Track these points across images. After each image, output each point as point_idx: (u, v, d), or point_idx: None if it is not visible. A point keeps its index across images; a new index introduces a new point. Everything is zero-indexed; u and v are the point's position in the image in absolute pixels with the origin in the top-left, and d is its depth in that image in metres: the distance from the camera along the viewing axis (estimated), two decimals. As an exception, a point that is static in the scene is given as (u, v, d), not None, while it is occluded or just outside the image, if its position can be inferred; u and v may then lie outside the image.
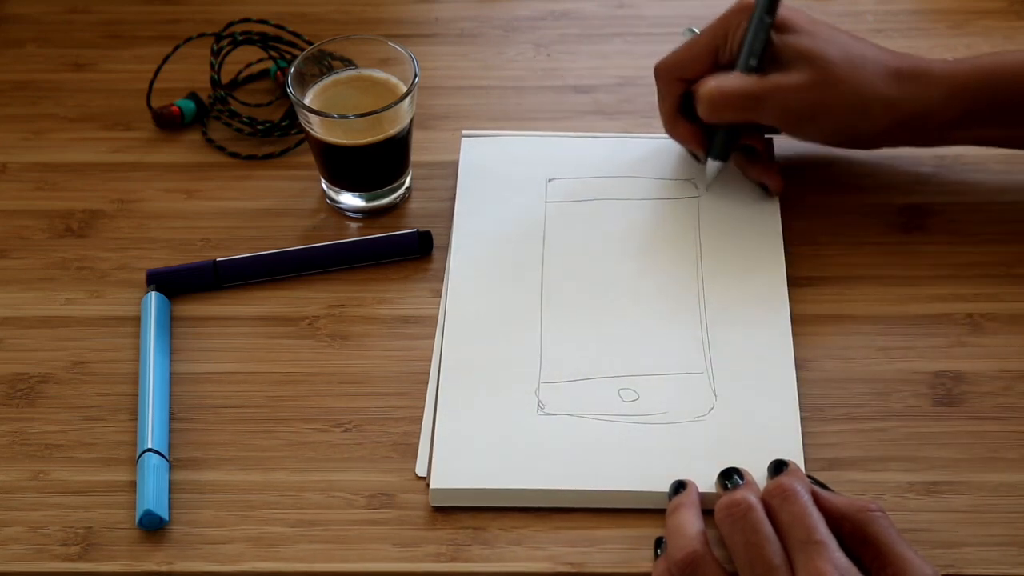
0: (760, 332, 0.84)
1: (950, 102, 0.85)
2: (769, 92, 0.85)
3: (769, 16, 0.86)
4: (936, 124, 0.86)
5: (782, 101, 0.85)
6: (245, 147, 0.97)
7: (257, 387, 0.84)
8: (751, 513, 0.71)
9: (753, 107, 0.86)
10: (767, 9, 0.86)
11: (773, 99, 0.85)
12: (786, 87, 0.85)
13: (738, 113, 0.87)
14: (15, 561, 0.76)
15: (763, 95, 0.85)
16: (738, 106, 0.86)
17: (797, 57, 0.85)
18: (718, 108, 0.87)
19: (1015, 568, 0.74)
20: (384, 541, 0.77)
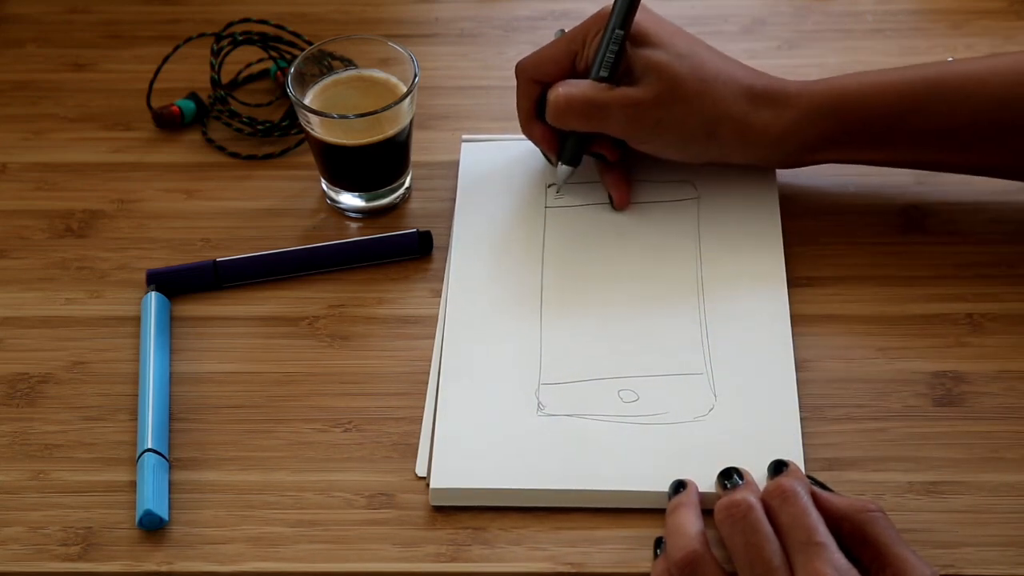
0: (760, 332, 0.84)
1: (802, 124, 0.85)
2: (615, 103, 0.85)
3: (621, 29, 0.85)
4: (789, 146, 0.86)
5: (628, 113, 0.85)
6: (245, 147, 0.97)
7: (257, 387, 0.84)
8: (751, 514, 0.71)
9: (598, 117, 0.85)
10: (620, 23, 0.85)
11: (619, 111, 0.85)
12: (632, 100, 0.84)
13: (583, 121, 0.86)
14: (15, 561, 0.76)
15: (608, 105, 0.85)
16: (583, 114, 0.85)
17: (647, 70, 0.84)
18: (563, 115, 0.86)
19: (1015, 568, 0.74)
20: (384, 541, 0.77)
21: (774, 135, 0.85)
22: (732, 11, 1.05)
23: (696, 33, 1.02)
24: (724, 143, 0.86)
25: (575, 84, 0.86)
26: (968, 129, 0.84)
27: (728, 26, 1.04)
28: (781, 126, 0.85)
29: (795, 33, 1.03)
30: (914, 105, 0.84)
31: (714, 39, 1.02)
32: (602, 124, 0.86)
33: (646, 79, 0.85)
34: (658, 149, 0.87)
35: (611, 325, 0.85)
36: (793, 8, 1.05)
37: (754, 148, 0.86)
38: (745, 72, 0.86)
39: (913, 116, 0.85)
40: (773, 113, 0.85)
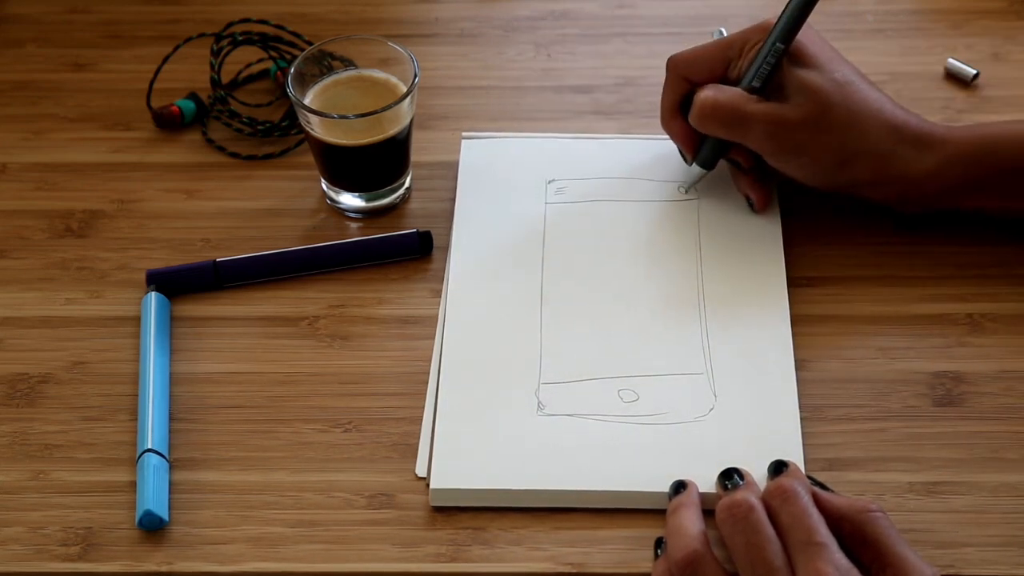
0: (760, 332, 0.84)
1: (947, 169, 0.84)
2: (760, 117, 0.84)
3: (782, 43, 0.84)
4: (932, 190, 0.85)
5: (770, 130, 0.84)
6: (245, 147, 0.97)
7: (257, 387, 0.84)
8: (752, 514, 0.71)
9: (741, 127, 0.85)
10: (782, 37, 0.84)
11: (762, 125, 0.84)
12: (777, 117, 0.84)
13: (726, 129, 0.86)
14: (15, 561, 0.76)
15: (753, 118, 0.84)
16: (727, 122, 0.85)
17: (799, 90, 0.84)
18: (707, 118, 0.86)
19: (1015, 568, 0.74)
20: (384, 541, 0.77)
21: (913, 178, 0.84)
22: (732, 11, 1.05)
23: (696, 33, 1.03)
24: (858, 177, 0.85)
25: (725, 90, 0.85)
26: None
27: (728, 26, 1.04)
28: (922, 169, 0.84)
29: (795, 33, 1.03)
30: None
31: (714, 39, 1.02)
32: (743, 135, 0.85)
33: (796, 99, 0.84)
34: (792, 170, 0.86)
35: (611, 325, 0.85)
36: (793, 8, 1.05)
37: (889, 187, 0.85)
38: (896, 110, 0.85)
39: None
40: (916, 155, 0.84)
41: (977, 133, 0.85)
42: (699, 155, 0.89)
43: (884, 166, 0.84)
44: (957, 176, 0.84)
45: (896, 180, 0.85)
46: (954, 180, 0.84)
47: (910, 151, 0.84)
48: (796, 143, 0.84)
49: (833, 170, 0.85)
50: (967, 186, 0.85)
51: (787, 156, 0.85)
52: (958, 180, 0.84)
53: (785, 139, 0.84)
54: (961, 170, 0.84)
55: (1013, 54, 1.01)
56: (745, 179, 0.89)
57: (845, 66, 0.86)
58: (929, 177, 0.84)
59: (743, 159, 0.88)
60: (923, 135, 0.84)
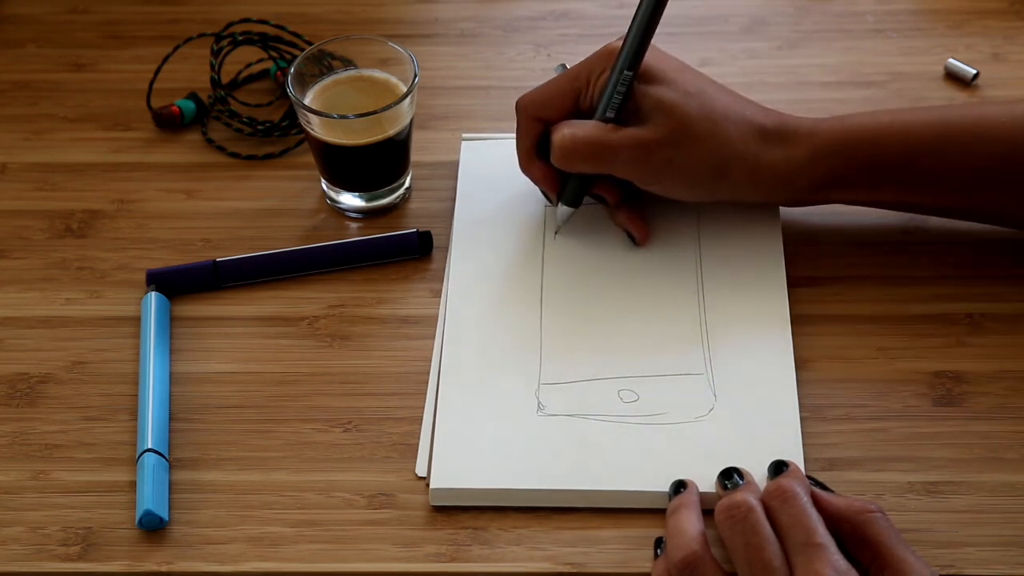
0: (760, 332, 0.84)
1: (813, 163, 0.83)
2: (623, 145, 0.82)
3: (631, 69, 0.82)
4: (800, 185, 0.84)
5: (635, 155, 0.82)
6: (245, 147, 0.97)
7: (257, 387, 0.84)
8: (751, 515, 0.71)
9: (606, 159, 0.83)
10: (629, 63, 0.82)
11: (627, 152, 0.82)
12: (640, 140, 0.82)
13: (590, 164, 0.84)
14: (15, 561, 0.76)
15: (616, 147, 0.82)
16: (590, 156, 0.83)
17: (655, 109, 0.82)
18: (570, 156, 0.84)
19: (1015, 568, 0.74)
20: (384, 541, 0.77)
21: (784, 174, 0.83)
22: (732, 11, 1.05)
23: (696, 33, 1.03)
24: (734, 182, 0.84)
25: (581, 125, 0.84)
26: (982, 173, 0.83)
27: (728, 26, 1.04)
28: (792, 165, 0.83)
29: (795, 33, 1.03)
30: (927, 147, 0.83)
31: (714, 39, 1.02)
32: (609, 166, 0.84)
33: (654, 119, 0.82)
34: (667, 189, 0.85)
35: (611, 325, 0.85)
36: (793, 8, 1.05)
37: (764, 187, 0.84)
38: (755, 110, 0.84)
39: (925, 158, 0.83)
40: (784, 152, 0.83)
41: (843, 124, 0.84)
42: (563, 194, 0.87)
43: (755, 168, 0.83)
44: (826, 169, 0.83)
45: (769, 179, 0.83)
46: (824, 174, 0.83)
47: (777, 148, 0.83)
48: (664, 163, 0.83)
49: (708, 182, 0.84)
50: (838, 179, 0.84)
51: (658, 177, 0.84)
52: (828, 173, 0.83)
53: (652, 161, 0.83)
54: (828, 163, 0.83)
55: (1013, 54, 1.01)
56: (619, 214, 0.88)
57: (695, 76, 0.85)
58: (799, 172, 0.83)
59: (608, 194, 0.87)
60: (788, 130, 0.84)
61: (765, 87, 0.99)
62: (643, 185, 0.85)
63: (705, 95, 0.83)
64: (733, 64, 1.01)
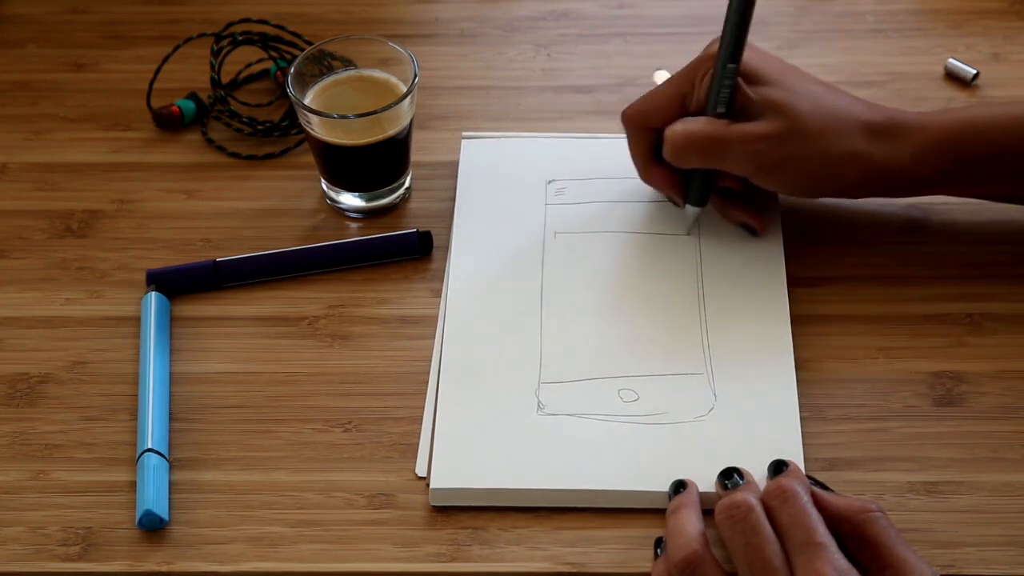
0: (760, 332, 0.84)
1: (923, 159, 0.83)
2: (736, 139, 0.83)
3: (733, 62, 0.83)
4: (909, 180, 0.84)
5: (749, 149, 0.83)
6: (245, 147, 0.97)
7: (257, 387, 0.84)
8: (751, 514, 0.71)
9: (719, 153, 0.84)
10: (730, 57, 0.83)
11: (739, 146, 0.83)
12: (753, 136, 0.83)
13: (704, 158, 0.84)
14: (15, 561, 0.76)
15: (729, 141, 0.83)
16: (704, 151, 0.84)
17: (767, 108, 0.83)
18: (683, 152, 0.84)
19: (1015, 568, 0.74)
20: (384, 541, 0.77)
21: (895, 169, 0.83)
22: (732, 11, 1.05)
23: (696, 33, 1.03)
24: (846, 179, 0.84)
25: (693, 121, 0.84)
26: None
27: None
28: (902, 160, 0.83)
29: (795, 33, 1.03)
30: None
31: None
32: (723, 160, 0.84)
33: (767, 116, 0.83)
34: (780, 186, 0.86)
35: (611, 324, 0.85)
36: (793, 8, 1.05)
37: (874, 183, 0.84)
38: (861, 106, 0.85)
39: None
40: (893, 147, 0.83)
41: (952, 118, 0.84)
42: (689, 195, 0.87)
43: (866, 164, 0.83)
44: (937, 163, 0.84)
45: (880, 175, 0.84)
46: (935, 167, 0.84)
47: (886, 144, 0.83)
48: (778, 158, 0.83)
49: (820, 178, 0.84)
50: (948, 172, 0.84)
51: (771, 173, 0.84)
52: (937, 167, 0.84)
53: (767, 157, 0.83)
54: (940, 157, 0.83)
55: (1013, 54, 1.01)
56: (736, 210, 0.88)
57: (800, 75, 0.85)
58: (910, 167, 0.84)
59: (734, 184, 0.87)
60: (896, 126, 0.84)
61: (765, 87, 0.99)
62: (756, 180, 0.85)
63: (813, 93, 0.84)
64: (733, 64, 1.01)
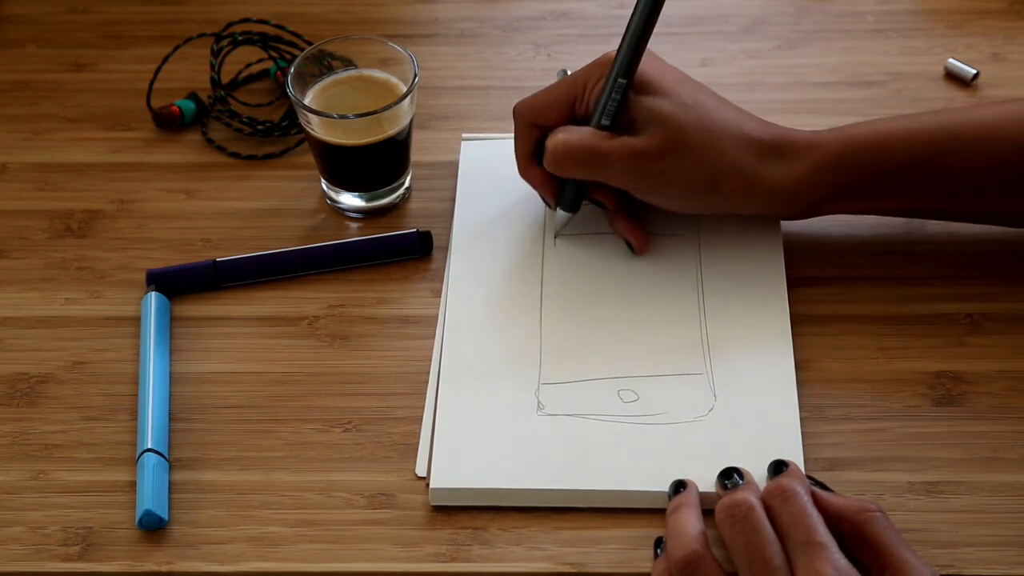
0: (760, 332, 0.84)
1: (814, 176, 0.82)
2: (616, 153, 0.82)
3: (624, 77, 0.82)
4: (802, 199, 0.83)
5: (629, 164, 0.82)
6: (245, 147, 0.97)
7: (257, 387, 0.84)
8: (751, 514, 0.71)
9: (598, 166, 0.83)
10: (623, 72, 0.82)
11: (619, 160, 0.82)
12: (634, 150, 0.82)
13: (583, 170, 0.84)
14: (15, 561, 0.76)
15: (609, 155, 0.82)
16: (583, 163, 0.83)
17: (650, 120, 0.82)
18: (562, 162, 0.84)
19: (1015, 568, 0.74)
20: (384, 541, 0.77)
21: (785, 188, 0.83)
22: (732, 11, 1.05)
23: (696, 33, 1.03)
24: (730, 195, 0.83)
25: (575, 131, 0.83)
26: (986, 176, 0.82)
27: (728, 26, 1.04)
28: (792, 179, 0.83)
29: (795, 33, 1.03)
30: (930, 153, 0.82)
31: (714, 39, 1.02)
32: (602, 174, 0.83)
33: (649, 129, 0.82)
34: (661, 201, 0.85)
35: (611, 324, 0.85)
36: (793, 8, 1.05)
37: (762, 201, 0.84)
38: (753, 123, 0.84)
39: (928, 165, 0.82)
40: (783, 166, 0.83)
41: (843, 136, 0.83)
42: (561, 200, 0.87)
43: (751, 182, 0.82)
44: (829, 181, 0.83)
45: (768, 192, 0.83)
46: (827, 185, 0.83)
47: (776, 163, 0.83)
48: (658, 173, 0.82)
49: (702, 194, 0.83)
50: (841, 190, 0.83)
51: (652, 187, 0.84)
52: (830, 185, 0.83)
53: (646, 171, 0.82)
54: (830, 175, 0.83)
55: (1013, 54, 1.01)
56: (618, 222, 0.87)
57: (693, 87, 0.84)
58: (801, 186, 0.83)
59: (606, 200, 0.87)
60: (786, 144, 0.83)
61: (765, 87, 0.99)
62: (637, 195, 0.85)
63: (702, 107, 0.83)
64: (733, 64, 1.01)
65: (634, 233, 0.87)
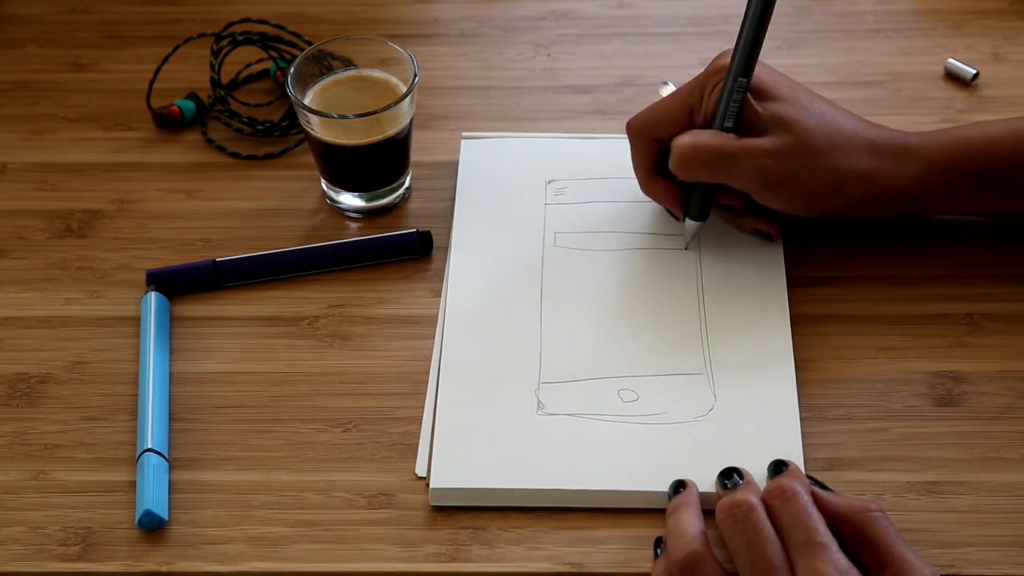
0: (760, 332, 0.84)
1: (927, 177, 0.83)
2: (744, 153, 0.82)
3: (744, 76, 0.82)
4: (912, 198, 0.84)
5: (756, 165, 0.82)
6: (245, 147, 0.97)
7: (257, 387, 0.84)
8: (752, 513, 0.71)
9: (726, 166, 0.83)
10: (742, 70, 0.82)
11: (747, 161, 0.82)
12: (762, 151, 0.82)
13: (710, 171, 0.84)
14: (15, 561, 0.76)
15: (737, 155, 0.82)
16: (711, 164, 0.83)
17: (775, 124, 0.83)
18: (690, 164, 0.84)
19: (1015, 568, 0.74)
20: (384, 541, 0.77)
21: (899, 188, 0.83)
22: (732, 11, 1.05)
23: (696, 33, 1.03)
24: (850, 198, 0.83)
25: (702, 133, 0.83)
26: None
27: (728, 26, 1.04)
28: (906, 179, 0.83)
29: (795, 33, 1.03)
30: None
31: (714, 39, 1.02)
32: (729, 175, 0.83)
33: (774, 132, 0.82)
34: (784, 203, 0.85)
35: (611, 324, 0.85)
36: (793, 8, 1.05)
37: (878, 202, 0.84)
38: (866, 126, 0.85)
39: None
40: (897, 166, 0.83)
41: (951, 137, 0.84)
42: (690, 208, 0.87)
43: (871, 183, 0.83)
44: (938, 182, 0.84)
45: (883, 195, 0.84)
46: (936, 187, 0.84)
47: (891, 163, 0.83)
48: (784, 175, 0.83)
49: (826, 196, 0.84)
50: (948, 191, 0.84)
51: (776, 189, 0.84)
52: (939, 186, 0.84)
53: (772, 172, 0.83)
54: (940, 176, 0.83)
55: (1013, 54, 1.01)
56: (746, 219, 0.88)
57: (808, 93, 0.85)
58: (912, 187, 0.84)
59: (735, 201, 0.87)
60: (899, 146, 0.84)
61: (765, 87, 0.99)
62: (760, 198, 0.85)
63: (820, 111, 0.84)
64: (733, 64, 1.01)
65: (765, 223, 0.87)
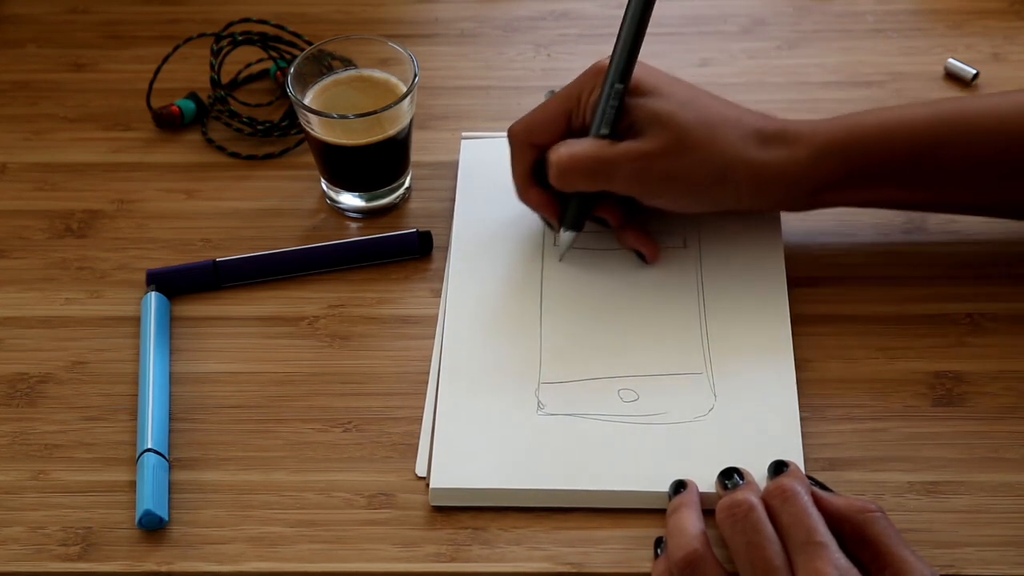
0: (760, 332, 0.84)
1: (818, 164, 0.82)
2: (621, 158, 0.81)
3: (621, 82, 0.81)
4: (807, 186, 0.83)
5: (636, 168, 0.81)
6: (245, 147, 0.97)
7: (257, 387, 0.84)
8: (752, 514, 0.71)
9: (605, 174, 0.82)
10: (620, 77, 0.81)
11: (626, 166, 0.81)
12: (639, 153, 0.81)
13: (590, 181, 0.83)
14: (15, 561, 0.76)
15: (615, 162, 0.81)
16: (589, 173, 0.82)
17: (651, 121, 0.81)
18: (568, 175, 0.83)
19: (1015, 568, 0.74)
20: (384, 541, 0.77)
21: (790, 175, 0.82)
22: (732, 11, 1.05)
23: (696, 33, 1.03)
24: (738, 188, 0.82)
25: (577, 143, 0.82)
26: (989, 167, 0.82)
27: (728, 26, 1.04)
28: (797, 165, 0.82)
29: (795, 33, 1.03)
30: (933, 143, 0.82)
31: (714, 39, 1.03)
32: (609, 182, 0.83)
33: (651, 130, 0.81)
34: (669, 202, 0.84)
35: (611, 324, 0.85)
36: (793, 8, 1.05)
37: (769, 191, 0.83)
38: (752, 116, 0.84)
39: (931, 154, 0.82)
40: (787, 152, 0.82)
41: (844, 124, 0.83)
42: (564, 219, 0.86)
43: (758, 171, 0.82)
44: (829, 169, 0.82)
45: (773, 182, 0.82)
46: (827, 174, 0.82)
47: (780, 151, 0.82)
48: (666, 173, 0.82)
49: (711, 190, 0.83)
50: (841, 179, 0.82)
51: (660, 190, 0.83)
52: (831, 173, 0.82)
53: (653, 173, 0.82)
54: (832, 162, 0.82)
55: (1013, 54, 1.01)
56: (625, 235, 0.87)
57: (688, 87, 0.84)
58: (803, 174, 0.82)
59: (611, 216, 0.86)
60: (789, 133, 0.82)
61: (765, 87, 0.99)
62: (645, 200, 0.84)
63: (699, 103, 0.83)
64: (733, 64, 1.01)
65: (643, 243, 0.87)
